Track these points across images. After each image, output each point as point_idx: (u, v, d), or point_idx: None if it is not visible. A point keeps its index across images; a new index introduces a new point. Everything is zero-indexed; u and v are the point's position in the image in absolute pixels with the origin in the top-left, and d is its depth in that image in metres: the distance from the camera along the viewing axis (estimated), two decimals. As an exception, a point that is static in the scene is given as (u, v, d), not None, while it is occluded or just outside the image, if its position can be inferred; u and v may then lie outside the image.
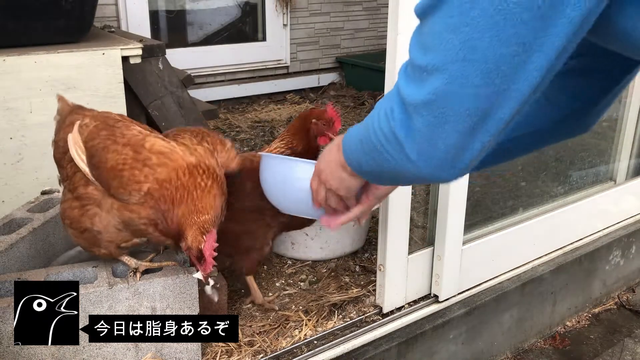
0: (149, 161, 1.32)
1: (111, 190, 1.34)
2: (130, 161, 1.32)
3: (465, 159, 0.77)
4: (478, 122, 0.72)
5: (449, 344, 1.95)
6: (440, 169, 0.79)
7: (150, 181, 1.31)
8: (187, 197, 1.32)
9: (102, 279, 1.42)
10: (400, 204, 1.74)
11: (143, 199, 1.32)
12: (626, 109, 2.58)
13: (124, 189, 1.32)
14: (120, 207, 1.35)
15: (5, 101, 1.96)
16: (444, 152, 0.76)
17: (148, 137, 1.37)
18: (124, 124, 1.41)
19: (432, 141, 0.76)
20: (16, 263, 1.58)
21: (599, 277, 2.48)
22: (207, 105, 3.31)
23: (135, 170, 1.31)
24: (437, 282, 1.91)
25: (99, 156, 1.35)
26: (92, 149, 1.37)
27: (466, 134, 0.74)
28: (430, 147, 0.77)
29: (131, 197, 1.32)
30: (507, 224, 2.14)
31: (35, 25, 2.05)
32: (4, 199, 2.01)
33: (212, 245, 1.32)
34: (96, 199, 1.38)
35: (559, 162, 2.45)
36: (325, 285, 2.00)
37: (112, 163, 1.33)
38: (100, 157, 1.35)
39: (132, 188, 1.31)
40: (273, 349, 1.67)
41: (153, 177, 1.31)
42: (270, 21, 4.47)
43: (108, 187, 1.35)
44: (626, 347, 2.28)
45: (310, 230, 2.08)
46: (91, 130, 1.40)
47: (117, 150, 1.34)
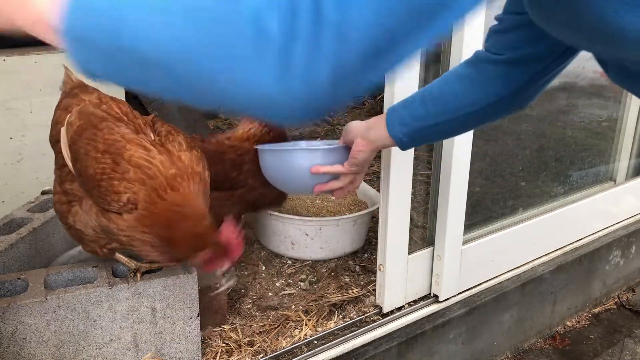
0: (127, 174, 1.26)
1: (92, 198, 1.32)
2: (108, 171, 1.26)
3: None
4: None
5: (448, 344, 1.96)
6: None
7: (129, 193, 1.26)
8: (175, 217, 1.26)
9: (102, 279, 1.42)
10: (400, 204, 1.74)
11: (124, 209, 1.27)
12: (626, 109, 2.58)
13: (103, 198, 1.28)
14: (99, 212, 1.32)
15: (5, 101, 1.96)
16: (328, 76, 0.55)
17: (129, 145, 1.28)
18: (107, 125, 1.32)
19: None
20: (16, 263, 1.58)
21: (599, 277, 2.48)
22: (207, 105, 3.30)
23: (114, 180, 1.26)
24: (437, 282, 1.91)
25: (80, 161, 1.30)
26: (75, 153, 1.32)
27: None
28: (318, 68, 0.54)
29: (110, 207, 1.28)
30: (507, 224, 2.14)
31: (35, 25, 2.05)
32: (4, 199, 2.01)
33: (232, 230, 1.29)
34: (80, 198, 1.36)
35: (559, 162, 2.45)
36: (325, 285, 2.00)
37: (92, 171, 1.28)
38: (82, 162, 1.30)
39: (111, 198, 1.27)
40: (273, 349, 1.67)
41: (132, 191, 1.26)
42: (270, 21, 4.46)
43: (89, 192, 1.32)
44: (626, 347, 2.29)
45: (310, 230, 2.08)
46: (75, 130, 1.33)
47: (96, 158, 1.28)
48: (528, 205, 2.27)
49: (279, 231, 2.12)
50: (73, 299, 1.36)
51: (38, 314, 1.34)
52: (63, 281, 1.46)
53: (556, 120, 2.46)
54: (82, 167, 1.30)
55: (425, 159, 1.93)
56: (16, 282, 1.42)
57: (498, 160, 2.24)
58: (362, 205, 2.34)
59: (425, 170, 1.95)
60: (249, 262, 2.14)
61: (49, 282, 1.43)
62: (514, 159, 2.29)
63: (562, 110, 2.45)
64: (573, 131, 2.54)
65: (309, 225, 2.08)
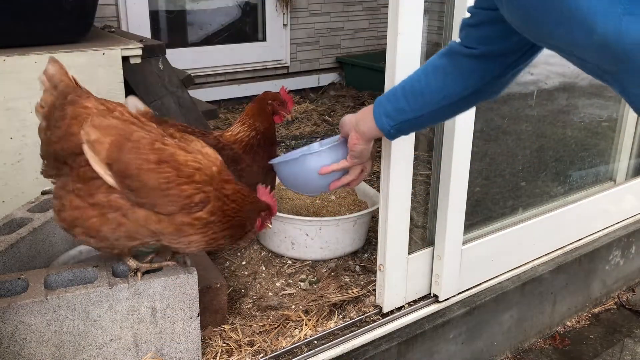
0: (193, 177, 1.34)
1: (156, 208, 1.32)
2: (173, 178, 1.31)
3: None
4: None
5: (448, 344, 1.96)
6: None
7: (200, 193, 1.34)
8: (241, 203, 1.42)
9: (102, 279, 1.42)
10: (400, 204, 1.74)
11: (195, 209, 1.34)
12: (626, 109, 2.58)
13: (172, 204, 1.32)
14: (152, 218, 1.34)
15: (6, 101, 1.96)
16: None
17: (178, 151, 1.35)
18: (141, 136, 1.33)
19: None
20: (16, 263, 1.58)
21: (598, 277, 2.49)
22: (207, 105, 3.31)
23: (183, 185, 1.32)
24: (437, 282, 1.91)
25: (134, 177, 1.30)
26: (123, 171, 1.30)
27: None
28: None
29: (182, 210, 1.33)
30: (507, 224, 2.14)
31: (36, 25, 2.05)
32: (4, 199, 2.01)
33: (267, 192, 1.50)
34: (119, 207, 1.33)
35: (559, 162, 2.45)
36: (325, 285, 2.00)
37: (154, 183, 1.30)
38: (136, 177, 1.30)
39: (182, 203, 1.32)
40: (273, 349, 1.67)
41: (202, 191, 1.34)
42: (270, 21, 4.47)
43: (152, 204, 1.32)
44: (626, 347, 2.29)
45: (310, 230, 2.08)
46: (109, 149, 1.30)
47: (154, 169, 1.31)
48: (528, 205, 2.27)
49: (279, 231, 2.12)
50: (73, 299, 1.36)
51: (38, 314, 1.34)
52: (63, 281, 1.46)
53: (556, 120, 2.46)
54: (139, 182, 1.30)
55: (425, 159, 1.93)
56: (16, 282, 1.42)
57: (498, 160, 2.24)
58: (362, 205, 2.34)
59: (425, 170, 1.95)
60: (249, 262, 2.14)
61: (49, 282, 1.43)
62: (514, 159, 2.29)
63: (562, 110, 2.45)
64: (573, 131, 2.54)
65: (309, 225, 2.08)
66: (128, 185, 1.30)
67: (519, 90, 2.18)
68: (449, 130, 1.76)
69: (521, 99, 2.22)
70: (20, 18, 2.02)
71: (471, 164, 1.83)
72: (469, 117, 1.76)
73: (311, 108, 4.24)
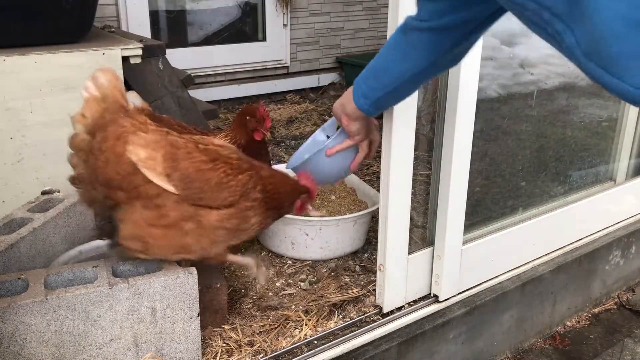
0: (243, 166, 1.47)
1: (218, 202, 1.42)
2: (229, 171, 1.43)
3: None
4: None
5: (448, 344, 1.96)
6: None
7: (253, 178, 1.47)
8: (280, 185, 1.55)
9: (102, 279, 1.42)
10: (400, 204, 1.74)
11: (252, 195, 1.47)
12: (626, 109, 2.58)
13: (233, 195, 1.43)
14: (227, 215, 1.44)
15: (5, 101, 1.96)
16: None
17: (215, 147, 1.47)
18: (185, 142, 1.42)
19: None
20: (16, 263, 1.58)
21: (598, 277, 2.49)
22: (207, 105, 3.31)
23: (239, 175, 1.45)
24: (437, 282, 1.91)
25: (196, 181, 1.38)
26: (184, 178, 1.37)
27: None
28: None
29: (242, 198, 1.45)
30: (507, 224, 2.14)
31: (36, 25, 2.05)
32: (4, 199, 2.01)
33: (307, 176, 1.60)
34: (191, 215, 1.39)
35: (559, 162, 2.44)
36: (325, 285, 2.00)
37: (216, 180, 1.41)
38: (199, 181, 1.39)
39: (242, 190, 1.44)
40: (273, 349, 1.67)
41: (251, 177, 1.47)
42: (270, 21, 4.47)
43: (215, 200, 1.41)
44: (626, 347, 2.29)
45: (310, 230, 2.08)
46: (164, 163, 1.35)
47: (212, 169, 1.41)
48: (528, 205, 2.27)
49: (279, 231, 2.12)
50: (73, 299, 1.36)
51: (38, 314, 1.34)
52: (63, 281, 1.46)
53: (556, 120, 2.45)
54: (203, 184, 1.39)
55: (425, 159, 1.92)
56: (16, 282, 1.42)
57: (498, 160, 2.24)
58: (362, 205, 2.34)
59: (425, 170, 1.95)
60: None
61: (49, 282, 1.43)
62: (514, 159, 2.29)
63: (562, 110, 2.45)
64: (573, 131, 2.53)
65: (309, 225, 2.08)
66: (195, 188, 1.38)
67: (519, 90, 2.18)
68: (449, 130, 1.76)
69: (521, 99, 2.22)
70: (20, 18, 2.02)
71: (471, 164, 1.83)
72: (469, 117, 1.76)
73: (311, 108, 4.24)
